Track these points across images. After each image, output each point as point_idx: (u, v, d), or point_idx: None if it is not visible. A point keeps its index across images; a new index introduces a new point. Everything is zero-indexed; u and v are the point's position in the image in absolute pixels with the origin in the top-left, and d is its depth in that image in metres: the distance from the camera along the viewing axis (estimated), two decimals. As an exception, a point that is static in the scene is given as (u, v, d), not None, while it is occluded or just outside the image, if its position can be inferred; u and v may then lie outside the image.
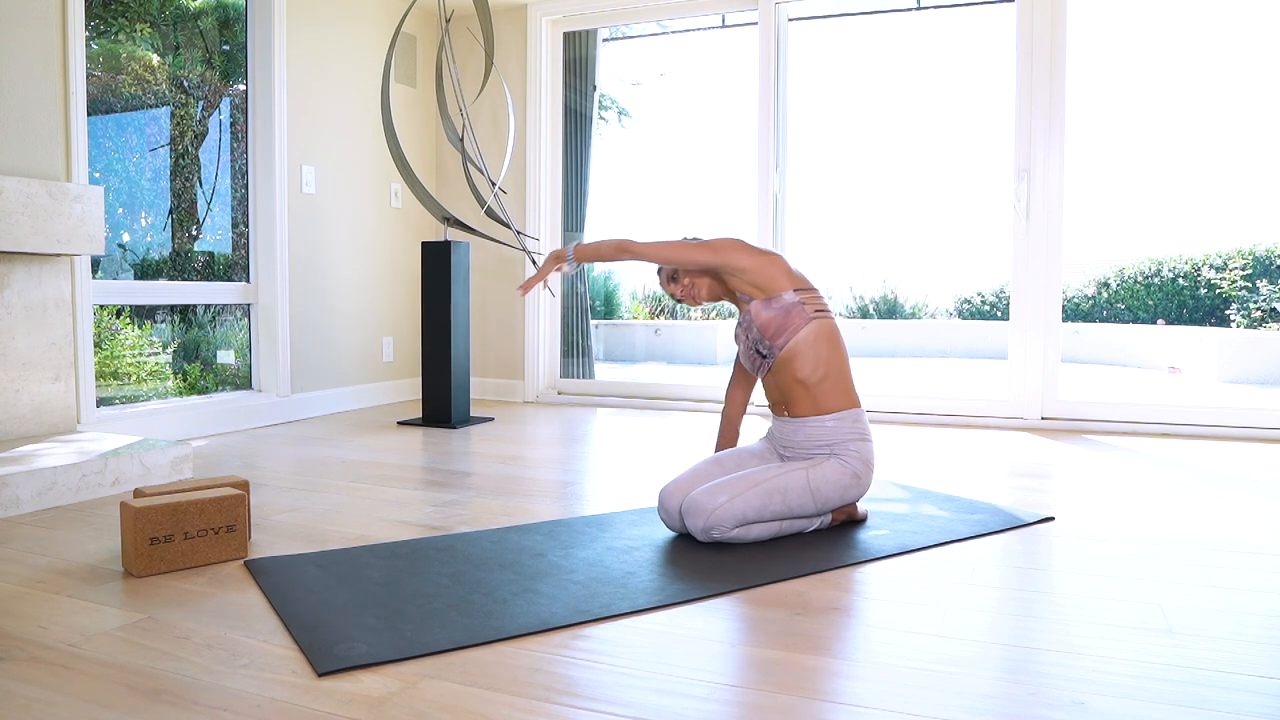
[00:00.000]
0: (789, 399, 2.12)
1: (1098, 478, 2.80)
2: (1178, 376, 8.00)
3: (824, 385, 2.09)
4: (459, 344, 3.93)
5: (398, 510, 2.36)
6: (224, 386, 3.91)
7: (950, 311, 11.25)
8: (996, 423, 3.88)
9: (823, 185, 12.91)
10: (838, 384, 2.10)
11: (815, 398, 2.09)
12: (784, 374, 2.10)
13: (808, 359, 2.07)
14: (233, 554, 1.92)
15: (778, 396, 2.16)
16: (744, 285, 2.12)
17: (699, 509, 1.98)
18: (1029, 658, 1.41)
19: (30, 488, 2.31)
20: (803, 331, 2.07)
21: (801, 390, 2.09)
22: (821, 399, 2.09)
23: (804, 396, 2.10)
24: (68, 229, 2.72)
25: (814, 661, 1.40)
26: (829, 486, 2.05)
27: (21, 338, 2.76)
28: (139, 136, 3.59)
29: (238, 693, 1.28)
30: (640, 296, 11.64)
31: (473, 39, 4.72)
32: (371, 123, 4.38)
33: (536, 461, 3.07)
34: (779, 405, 2.17)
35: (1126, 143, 11.88)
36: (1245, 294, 9.08)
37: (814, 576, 1.82)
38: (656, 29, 5.22)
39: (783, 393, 2.13)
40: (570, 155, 4.82)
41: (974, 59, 13.11)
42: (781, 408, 2.16)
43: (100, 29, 3.43)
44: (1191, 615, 1.60)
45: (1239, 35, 11.34)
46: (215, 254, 3.90)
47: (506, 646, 1.45)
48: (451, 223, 3.95)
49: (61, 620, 1.56)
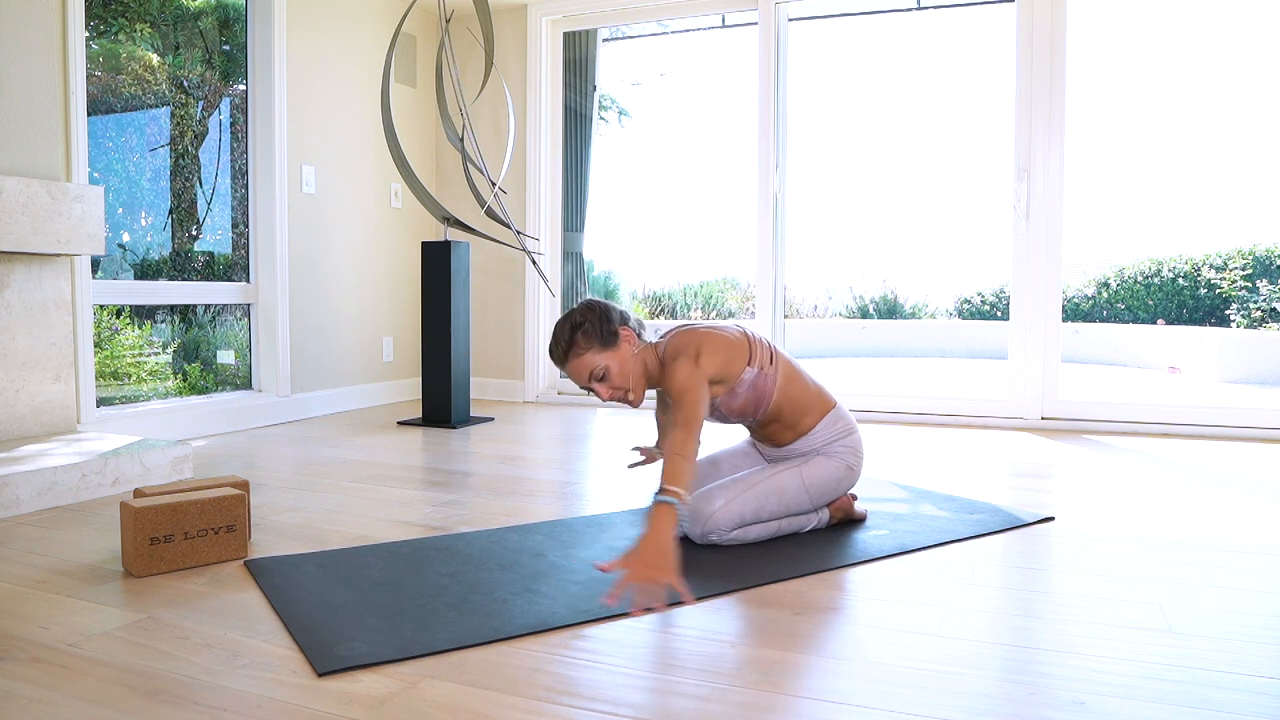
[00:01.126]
0: (771, 436, 2.13)
1: (1098, 478, 2.80)
2: (1178, 376, 8.00)
3: (801, 414, 2.08)
4: (459, 344, 3.93)
5: (398, 510, 2.36)
6: (224, 386, 3.91)
7: (950, 311, 11.25)
8: (996, 423, 3.88)
9: (823, 185, 12.91)
10: (813, 403, 2.09)
11: (796, 426, 2.09)
12: (767, 426, 2.11)
13: (785, 407, 2.06)
14: (233, 554, 1.92)
15: (760, 436, 2.16)
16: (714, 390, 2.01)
17: (696, 515, 1.98)
18: (1029, 658, 1.41)
19: (30, 488, 2.31)
20: (775, 392, 2.04)
21: (782, 426, 2.10)
22: (802, 423, 2.09)
23: (786, 429, 2.10)
24: (68, 229, 2.72)
25: (814, 661, 1.40)
26: (823, 481, 2.06)
27: (21, 338, 2.76)
28: (139, 136, 3.59)
29: (238, 693, 1.28)
30: (640, 296, 11.64)
31: (473, 39, 4.72)
32: (371, 123, 4.38)
33: (536, 461, 3.07)
34: (762, 439, 2.17)
35: (1126, 143, 11.87)
36: (1245, 294, 9.08)
37: (813, 577, 1.82)
38: (656, 29, 5.22)
39: (765, 432, 2.14)
40: (570, 155, 4.82)
41: (974, 59, 13.11)
42: (765, 441, 2.17)
43: (100, 29, 3.43)
44: (1191, 615, 1.59)
45: (1239, 35, 11.34)
46: (215, 254, 3.90)
47: (506, 646, 1.45)
48: (451, 223, 3.95)
49: (61, 620, 1.56)
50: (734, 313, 11.63)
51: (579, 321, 1.95)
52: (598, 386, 1.95)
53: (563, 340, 1.94)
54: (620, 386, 1.96)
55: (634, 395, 1.97)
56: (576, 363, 1.94)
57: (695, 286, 11.85)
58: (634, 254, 11.63)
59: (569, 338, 1.94)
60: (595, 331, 1.94)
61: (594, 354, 1.93)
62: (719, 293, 11.78)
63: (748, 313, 11.13)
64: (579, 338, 1.94)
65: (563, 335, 1.95)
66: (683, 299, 11.79)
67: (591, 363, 1.93)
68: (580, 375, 1.95)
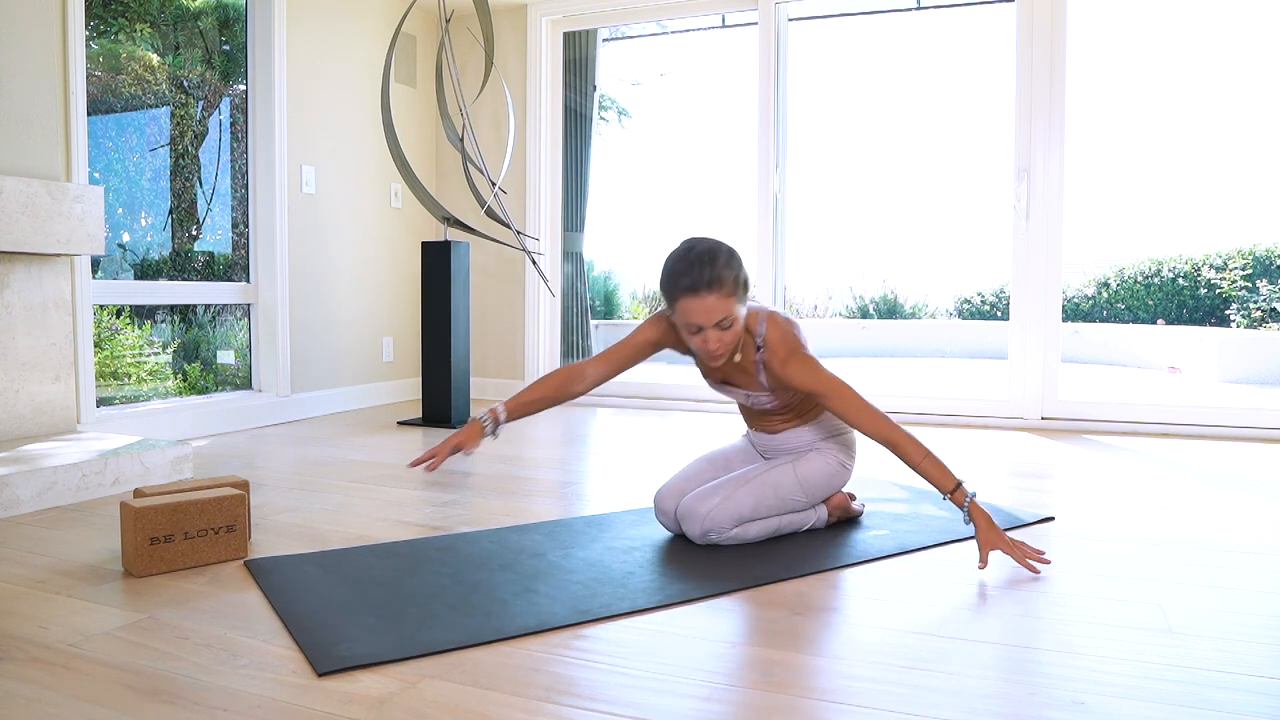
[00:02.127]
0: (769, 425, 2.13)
1: (1098, 478, 2.80)
2: (1178, 376, 8.00)
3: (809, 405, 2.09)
4: (459, 344, 3.93)
5: (398, 510, 2.36)
6: (224, 386, 3.91)
7: (950, 311, 11.25)
8: (996, 423, 3.88)
9: (823, 185, 12.91)
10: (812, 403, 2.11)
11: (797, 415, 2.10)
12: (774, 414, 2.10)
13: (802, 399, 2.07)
14: (233, 554, 1.92)
15: (762, 424, 2.16)
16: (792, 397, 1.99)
17: (694, 514, 1.98)
18: (1029, 658, 1.41)
19: (30, 488, 2.31)
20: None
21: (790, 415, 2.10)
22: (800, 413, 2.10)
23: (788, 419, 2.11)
24: (68, 229, 2.72)
25: (813, 661, 1.40)
26: (817, 476, 2.06)
27: (21, 338, 2.76)
28: (139, 136, 3.59)
29: (238, 693, 1.28)
30: (640, 297, 11.64)
31: (473, 39, 4.72)
32: (371, 123, 4.38)
33: (536, 461, 3.07)
34: (760, 427, 2.17)
35: (1126, 143, 11.88)
36: (1245, 294, 9.08)
37: (813, 576, 1.82)
38: (656, 29, 5.22)
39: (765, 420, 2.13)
40: (570, 155, 4.82)
41: (974, 59, 13.11)
42: (761, 429, 2.17)
43: (100, 29, 3.43)
44: (1191, 615, 1.59)
45: (1239, 35, 11.34)
46: (215, 254, 3.90)
47: (506, 646, 1.45)
48: (451, 223, 3.95)
49: (61, 620, 1.56)
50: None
51: (730, 256, 1.73)
52: (711, 334, 1.75)
53: (713, 265, 1.70)
54: (731, 345, 1.80)
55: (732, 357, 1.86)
56: (714, 298, 1.71)
57: (695, 286, 11.82)
58: (634, 254, 11.63)
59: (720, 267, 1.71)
60: (740, 275, 1.74)
61: (732, 299, 1.73)
62: (719, 293, 11.74)
63: (748, 313, 11.09)
64: (727, 274, 1.72)
65: (713, 260, 1.71)
66: (683, 299, 11.75)
67: (727, 307, 1.73)
68: (708, 313, 1.72)
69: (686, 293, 1.73)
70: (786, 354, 1.87)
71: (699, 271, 1.71)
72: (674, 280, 1.75)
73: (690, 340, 1.81)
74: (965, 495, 1.81)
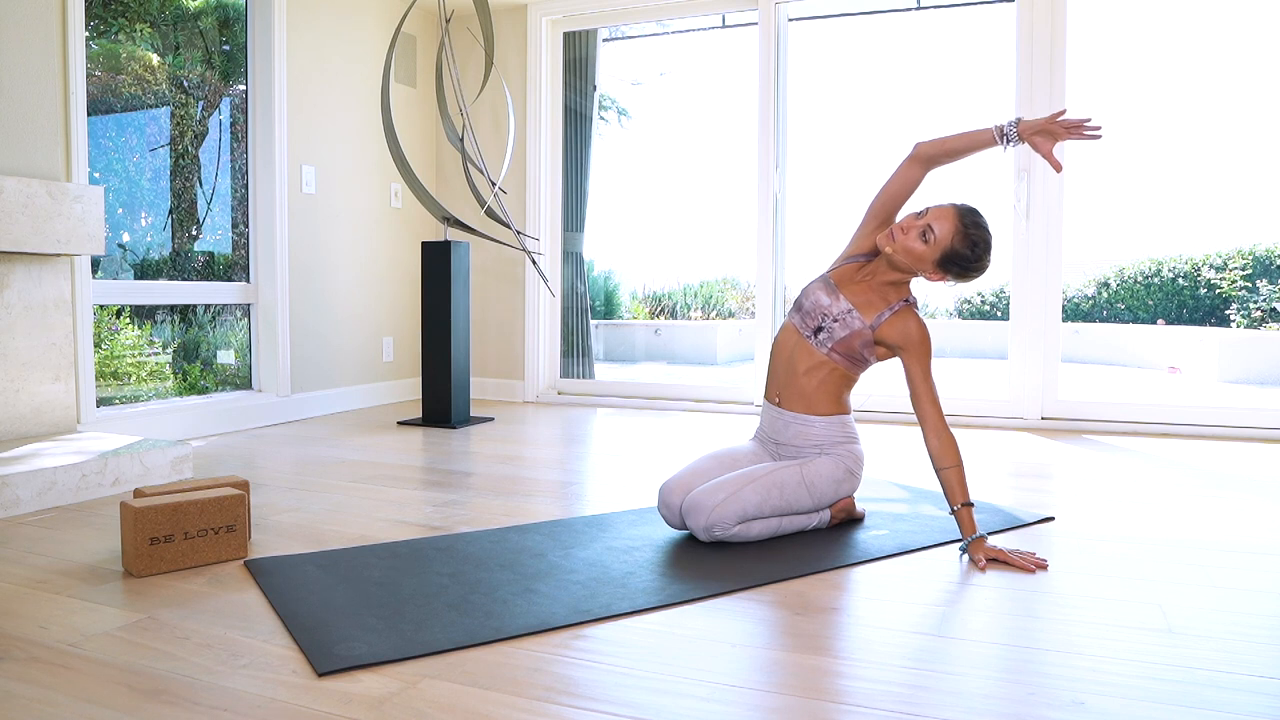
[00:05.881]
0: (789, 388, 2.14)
1: (1098, 478, 2.80)
2: (1178, 376, 8.00)
3: (826, 394, 2.12)
4: (459, 344, 3.93)
5: (398, 510, 2.36)
6: (224, 386, 3.91)
7: (950, 311, 11.25)
8: (996, 423, 3.88)
9: (823, 185, 12.90)
10: (836, 395, 2.14)
11: (810, 397, 2.12)
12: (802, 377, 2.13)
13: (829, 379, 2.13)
14: (233, 554, 1.92)
15: (784, 379, 2.17)
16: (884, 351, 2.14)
17: (700, 508, 1.98)
18: (1029, 658, 1.41)
19: (30, 488, 2.31)
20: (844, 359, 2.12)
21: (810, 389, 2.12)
22: (815, 400, 2.12)
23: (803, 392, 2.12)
24: (68, 229, 2.72)
25: (814, 661, 1.40)
26: (823, 480, 2.08)
27: (21, 338, 2.76)
28: (139, 136, 3.59)
29: (238, 693, 1.28)
30: (640, 296, 11.64)
31: (473, 39, 4.72)
32: (371, 123, 4.38)
33: (536, 461, 3.07)
34: (776, 390, 2.19)
35: (1126, 143, 11.87)
36: (1245, 294, 9.08)
37: (814, 576, 1.82)
38: (656, 29, 5.22)
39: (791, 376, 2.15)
40: (570, 155, 4.82)
41: (974, 59, 13.10)
42: (776, 394, 2.19)
43: (100, 29, 3.43)
44: (1191, 615, 1.59)
45: (1239, 35, 11.34)
46: (215, 254, 3.90)
47: (506, 646, 1.45)
48: (451, 223, 3.95)
49: (61, 620, 1.56)
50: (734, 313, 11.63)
51: (988, 250, 2.06)
52: (917, 228, 2.03)
53: (981, 228, 2.03)
54: (906, 249, 2.04)
55: (897, 256, 2.06)
56: (952, 228, 2.02)
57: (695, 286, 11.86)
58: (634, 254, 11.64)
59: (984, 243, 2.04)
60: (964, 263, 2.04)
61: (951, 248, 2.02)
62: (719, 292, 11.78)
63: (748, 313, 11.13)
64: (978, 241, 2.03)
65: (983, 228, 2.04)
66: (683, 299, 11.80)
67: (944, 238, 2.02)
68: (940, 219, 2.02)
69: (952, 207, 2.05)
70: (912, 321, 2.08)
71: (975, 218, 2.04)
72: (956, 206, 2.07)
73: (907, 219, 2.08)
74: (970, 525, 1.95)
